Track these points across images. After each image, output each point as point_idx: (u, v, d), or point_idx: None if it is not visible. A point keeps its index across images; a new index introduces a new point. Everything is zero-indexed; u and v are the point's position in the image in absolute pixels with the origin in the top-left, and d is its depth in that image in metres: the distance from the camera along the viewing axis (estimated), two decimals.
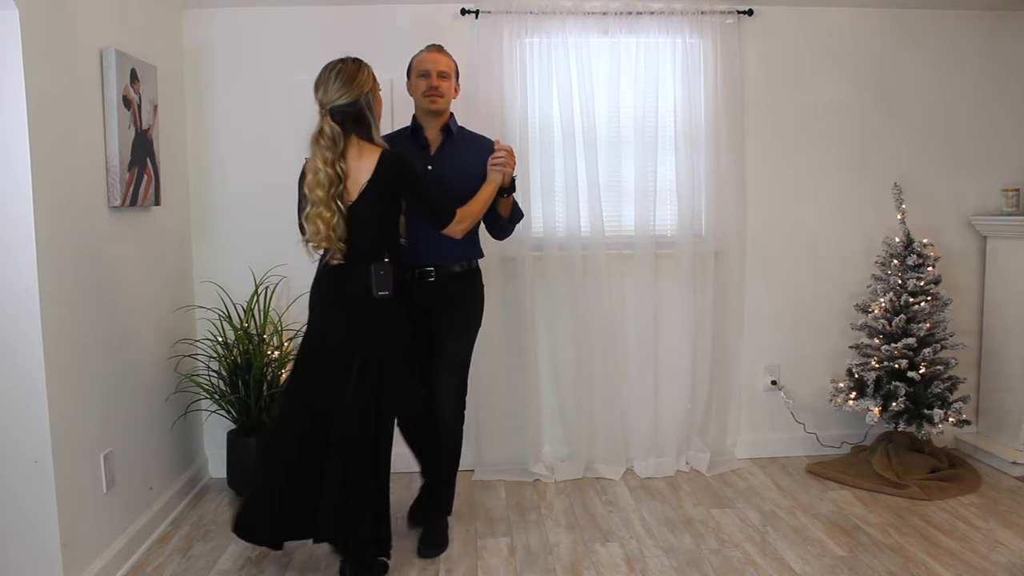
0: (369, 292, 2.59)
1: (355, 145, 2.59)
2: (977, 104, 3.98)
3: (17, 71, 2.30)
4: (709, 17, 3.71)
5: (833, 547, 2.99)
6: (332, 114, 2.58)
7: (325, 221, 2.52)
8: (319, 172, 2.53)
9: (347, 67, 2.61)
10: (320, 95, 2.61)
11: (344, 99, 2.58)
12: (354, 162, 2.58)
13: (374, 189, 2.57)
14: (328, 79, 2.60)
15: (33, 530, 2.43)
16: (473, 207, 2.78)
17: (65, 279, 2.55)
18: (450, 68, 2.95)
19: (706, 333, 3.82)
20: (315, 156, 2.55)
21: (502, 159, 2.83)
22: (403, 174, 2.63)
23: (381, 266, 2.60)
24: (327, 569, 2.87)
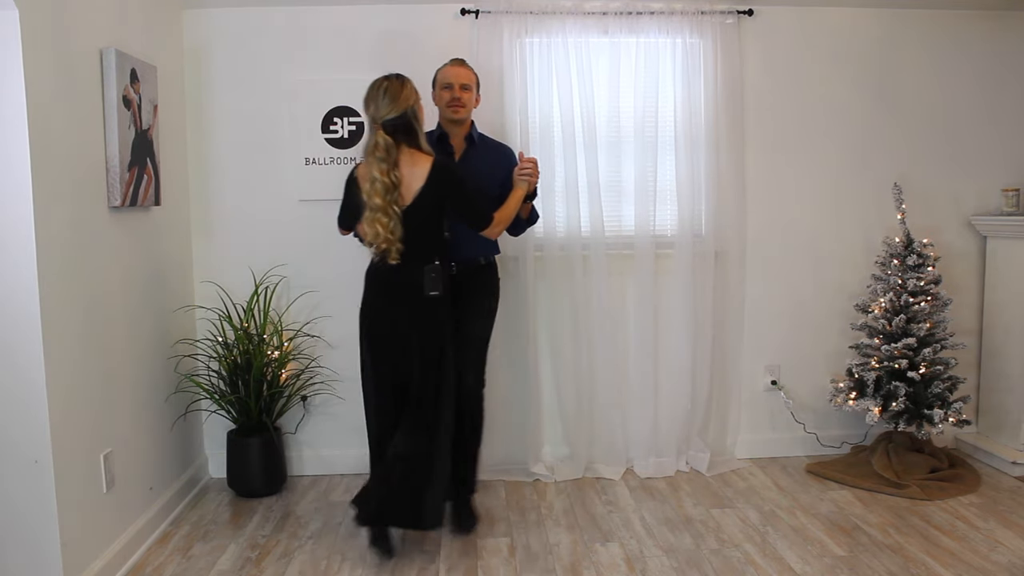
0: (421, 290, 2.85)
1: (407, 153, 2.82)
2: (977, 104, 3.98)
3: (17, 71, 2.31)
4: (709, 17, 3.71)
5: (833, 547, 2.99)
6: (384, 127, 2.79)
7: (383, 226, 2.77)
8: (376, 182, 2.76)
9: (392, 84, 2.85)
10: (372, 111, 2.84)
11: (393, 113, 2.80)
12: (407, 169, 2.81)
13: (427, 194, 2.81)
14: (377, 96, 2.83)
15: (33, 530, 2.43)
16: (506, 211, 3.03)
17: (65, 279, 2.55)
18: (471, 80, 3.19)
19: (706, 333, 3.82)
20: (371, 166, 2.78)
21: (529, 170, 3.06)
22: (453, 181, 2.88)
23: (433, 268, 2.87)
24: (327, 569, 2.87)
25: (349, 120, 3.70)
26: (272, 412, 3.59)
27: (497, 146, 3.32)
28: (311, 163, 3.71)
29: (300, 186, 3.73)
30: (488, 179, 3.13)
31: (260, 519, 3.32)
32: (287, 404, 3.66)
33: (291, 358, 3.66)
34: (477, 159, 3.19)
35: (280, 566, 2.90)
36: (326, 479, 3.78)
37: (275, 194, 3.74)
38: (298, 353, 3.72)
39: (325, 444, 3.83)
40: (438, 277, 2.87)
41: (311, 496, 3.58)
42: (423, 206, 2.82)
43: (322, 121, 3.70)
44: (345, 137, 3.71)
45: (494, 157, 3.23)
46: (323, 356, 3.76)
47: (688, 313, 3.80)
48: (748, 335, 3.94)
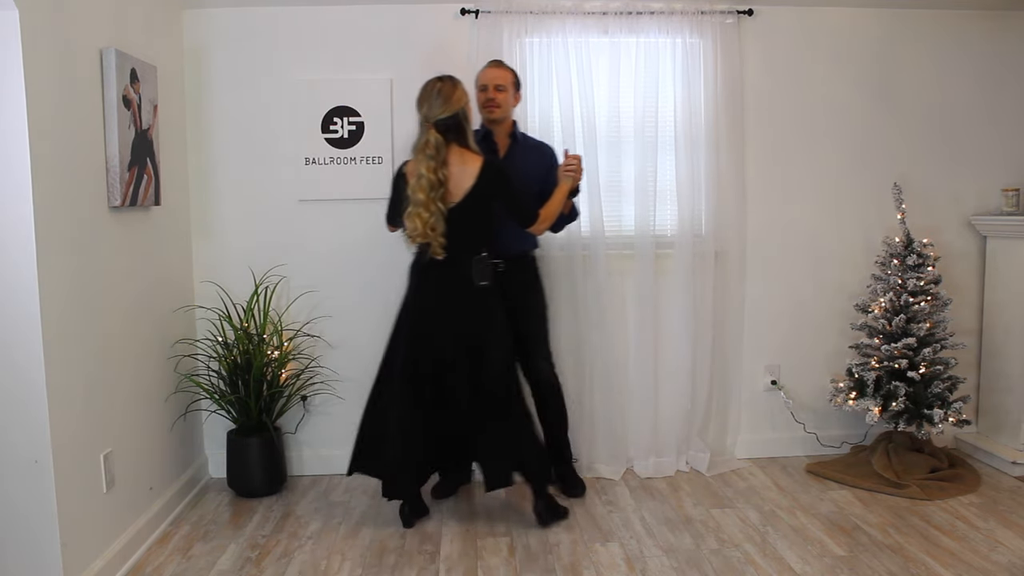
0: (471, 281, 3.01)
1: (456, 153, 2.96)
2: (977, 104, 3.98)
3: (17, 71, 2.30)
4: (709, 17, 3.71)
5: (833, 547, 2.99)
6: (436, 126, 2.93)
7: (423, 220, 2.91)
8: (422, 178, 2.90)
9: (445, 86, 2.98)
10: (425, 111, 2.97)
11: (445, 113, 2.94)
12: (457, 168, 2.95)
13: (477, 192, 2.96)
14: (430, 96, 2.97)
15: (33, 530, 2.43)
16: (551, 208, 3.15)
17: (65, 279, 2.55)
18: (507, 80, 3.30)
19: (706, 333, 3.82)
20: (419, 163, 2.92)
21: (573, 166, 3.20)
22: (502, 180, 3.02)
23: (480, 259, 3.03)
24: (327, 569, 2.87)
25: (349, 120, 3.70)
26: (272, 412, 3.59)
27: (538, 144, 3.45)
28: (311, 163, 3.71)
29: (300, 186, 3.73)
30: (529, 177, 3.25)
31: (260, 519, 3.32)
32: (287, 404, 3.66)
33: (291, 358, 3.66)
34: (519, 157, 3.31)
35: (280, 566, 2.90)
36: (326, 479, 3.78)
37: (275, 194, 3.74)
38: (298, 353, 3.72)
39: (325, 444, 3.83)
40: (486, 267, 3.03)
41: (311, 496, 3.58)
42: (472, 203, 2.96)
43: (322, 121, 3.70)
44: (345, 137, 3.71)
45: (535, 155, 3.36)
46: (323, 356, 3.76)
47: (688, 313, 3.80)
48: (748, 335, 3.94)
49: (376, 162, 3.72)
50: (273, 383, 3.57)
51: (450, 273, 3.01)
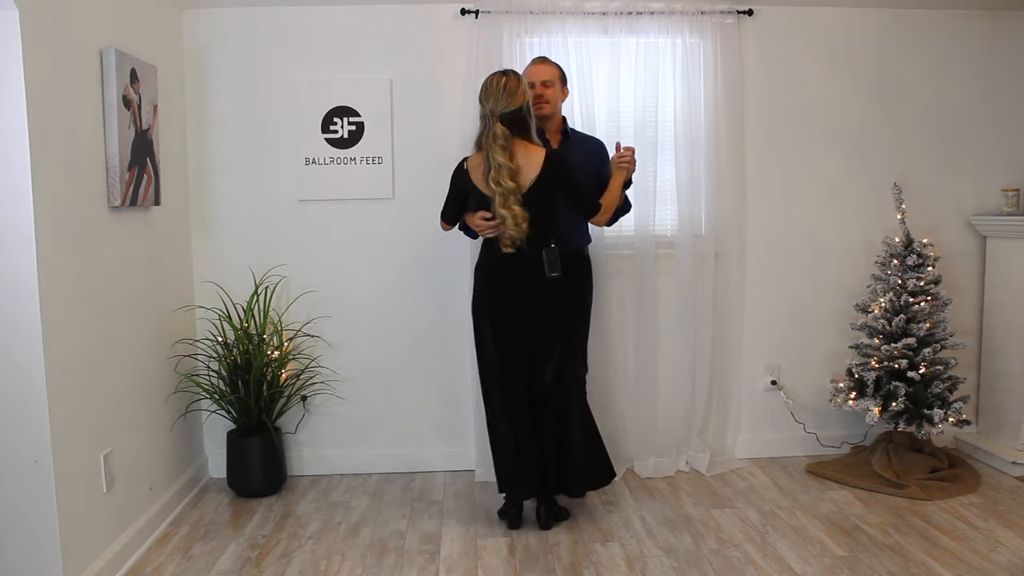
0: (541, 273, 3.03)
1: (520, 145, 2.99)
2: (977, 104, 3.98)
3: (17, 71, 2.30)
4: (709, 17, 3.71)
5: (833, 547, 2.99)
6: (502, 119, 2.95)
7: (516, 214, 2.94)
8: (502, 168, 2.92)
9: (511, 81, 2.99)
10: (491, 104, 2.97)
11: (511, 107, 2.96)
12: (523, 159, 2.97)
13: (542, 184, 2.98)
14: (496, 91, 2.97)
15: (33, 530, 2.43)
16: (611, 198, 3.15)
17: (65, 279, 2.55)
18: (553, 76, 3.29)
19: (706, 333, 3.82)
20: (494, 154, 2.93)
21: (628, 158, 3.18)
22: (567, 171, 3.03)
23: (551, 251, 3.05)
24: (327, 569, 2.87)
25: (349, 120, 3.70)
26: (272, 412, 3.59)
27: (588, 139, 3.43)
28: (311, 163, 3.71)
29: (300, 186, 3.73)
30: (583, 170, 3.21)
31: (260, 519, 3.32)
32: (287, 404, 3.66)
33: (291, 358, 3.66)
34: (572, 152, 3.26)
35: (280, 566, 2.90)
36: (326, 479, 3.78)
37: (275, 194, 3.74)
38: (298, 353, 3.72)
39: (325, 444, 3.83)
40: (556, 259, 3.04)
41: (311, 496, 3.58)
42: (538, 195, 2.98)
43: (322, 121, 3.70)
44: (345, 137, 3.71)
45: (587, 150, 3.34)
46: (323, 356, 3.76)
47: (688, 313, 3.80)
48: (748, 335, 3.94)
49: (376, 162, 3.72)
50: (273, 383, 3.57)
51: (521, 267, 3.04)
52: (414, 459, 3.86)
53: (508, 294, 3.09)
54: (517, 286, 3.07)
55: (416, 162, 3.73)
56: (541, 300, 3.07)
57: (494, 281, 3.12)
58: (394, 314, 3.80)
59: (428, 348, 3.83)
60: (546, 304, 3.08)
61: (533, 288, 3.06)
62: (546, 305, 3.08)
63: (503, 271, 3.08)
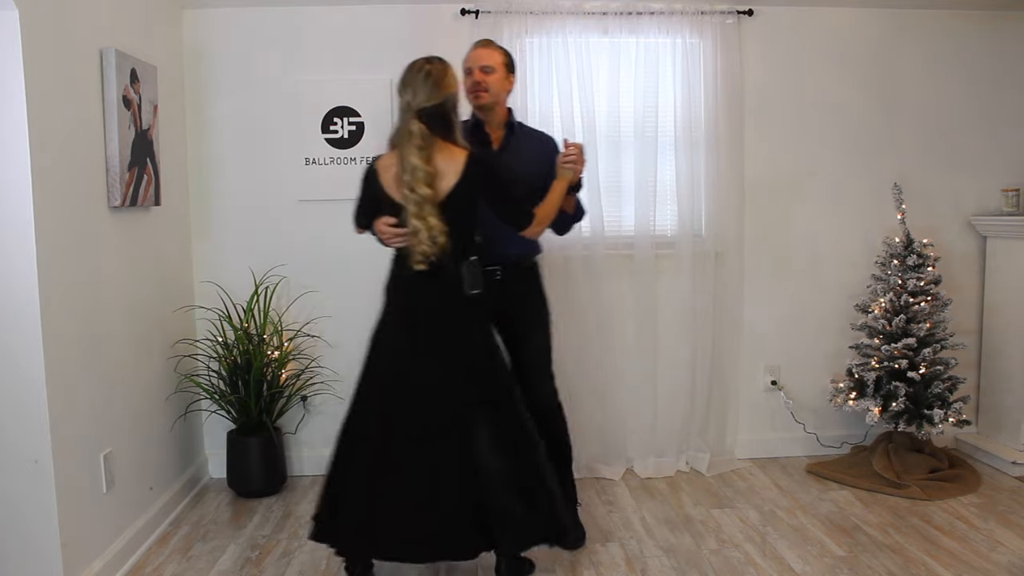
0: (460, 291, 2.59)
1: (441, 146, 2.54)
2: (977, 104, 3.98)
3: (17, 71, 2.30)
4: (709, 17, 3.71)
5: (833, 547, 2.98)
6: (420, 115, 2.52)
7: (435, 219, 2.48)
8: (417, 170, 2.47)
9: (435, 68, 2.56)
10: (408, 96, 2.54)
11: (433, 101, 2.52)
12: (442, 163, 2.52)
13: (461, 191, 2.53)
14: (416, 80, 2.54)
15: (33, 530, 2.43)
16: (548, 207, 2.75)
17: (65, 279, 2.54)
18: (496, 62, 2.89)
19: (706, 333, 3.82)
20: (408, 155, 2.49)
21: (573, 157, 2.78)
22: (491, 176, 2.62)
23: (471, 264, 2.60)
24: (327, 571, 2.87)
25: (349, 120, 3.70)
26: (272, 412, 3.59)
27: (539, 135, 3.08)
28: (311, 163, 3.71)
29: (300, 186, 3.73)
30: (529, 171, 2.85)
31: (260, 519, 3.32)
32: (287, 404, 3.66)
33: (291, 358, 3.66)
34: (517, 149, 2.92)
35: (280, 566, 2.89)
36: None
37: (275, 194, 3.74)
38: (298, 353, 3.72)
39: (325, 444, 3.79)
40: (477, 273, 2.61)
41: (311, 496, 3.57)
42: (456, 204, 2.53)
43: (322, 121, 3.70)
44: (345, 137, 3.71)
45: (535, 147, 2.97)
46: (323, 356, 3.76)
47: (688, 313, 3.80)
48: (748, 335, 3.94)
49: None
50: (273, 383, 3.57)
51: (435, 285, 2.59)
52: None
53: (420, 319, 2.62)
54: (431, 309, 2.61)
55: None
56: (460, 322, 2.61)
57: (403, 304, 2.65)
58: None
59: None
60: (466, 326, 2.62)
61: (450, 312, 2.60)
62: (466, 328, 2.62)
63: (414, 292, 2.62)
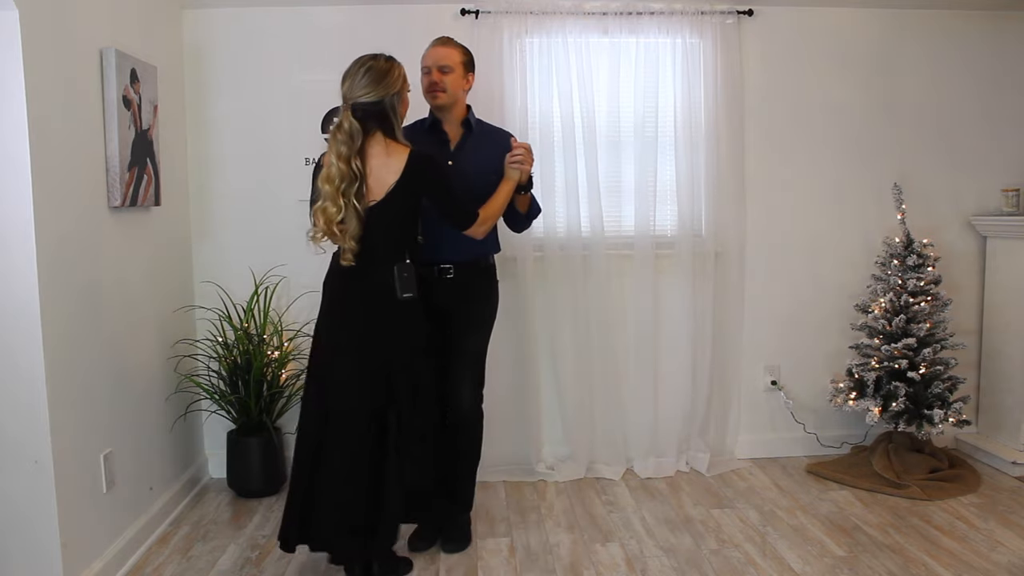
0: (392, 294, 2.56)
1: (380, 143, 2.53)
2: (977, 104, 3.98)
3: (17, 71, 2.30)
4: (709, 17, 3.71)
5: (833, 547, 2.99)
6: (354, 110, 2.50)
7: (329, 216, 2.47)
8: (331, 167, 2.46)
9: (378, 65, 2.54)
10: (345, 89, 2.53)
11: (369, 97, 2.51)
12: (379, 160, 2.51)
13: (402, 190, 2.52)
14: (356, 74, 2.52)
15: (33, 530, 2.43)
16: (493, 207, 2.76)
17: (65, 279, 2.55)
18: (453, 60, 2.89)
19: (706, 333, 3.82)
20: (330, 151, 2.49)
21: (520, 157, 2.80)
22: (433, 175, 2.59)
23: (404, 267, 2.57)
24: (327, 571, 2.87)
25: None
26: (272, 412, 3.59)
27: (495, 132, 3.07)
28: (311, 163, 3.71)
29: (300, 186, 3.71)
30: (487, 169, 2.85)
31: (260, 519, 3.32)
32: (287, 404, 3.66)
33: (291, 358, 3.66)
34: (475, 147, 2.93)
35: (280, 566, 2.89)
36: None
37: (275, 194, 3.74)
38: (298, 353, 3.71)
39: None
40: (411, 277, 2.57)
41: None
42: (396, 202, 2.52)
43: (322, 121, 3.69)
44: None
45: (493, 144, 2.94)
46: None
47: (688, 313, 3.80)
48: (748, 335, 3.94)
49: None
50: (273, 383, 3.57)
51: (367, 286, 2.57)
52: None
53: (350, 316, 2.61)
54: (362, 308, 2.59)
55: None
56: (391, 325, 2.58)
57: (335, 298, 2.65)
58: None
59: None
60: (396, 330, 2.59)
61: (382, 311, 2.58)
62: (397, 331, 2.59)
63: (346, 288, 2.61)
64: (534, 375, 3.77)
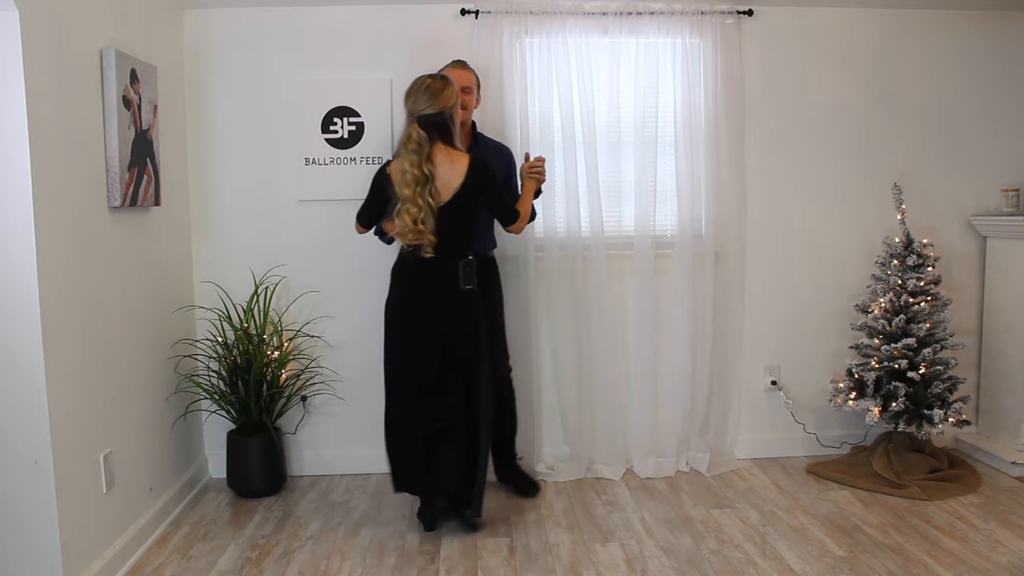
0: (457, 286, 2.98)
1: (443, 151, 2.92)
2: (977, 104, 3.98)
3: (17, 71, 2.30)
4: (709, 17, 3.71)
5: (833, 547, 2.99)
6: (420, 122, 2.89)
7: (412, 216, 2.86)
8: (406, 173, 2.86)
9: (435, 83, 2.94)
10: (410, 104, 2.93)
11: (431, 109, 2.90)
12: (445, 166, 2.91)
13: (466, 191, 2.92)
14: (419, 91, 2.93)
15: (33, 530, 2.43)
16: (525, 207, 3.16)
17: (65, 279, 2.55)
18: (471, 82, 3.31)
19: (706, 333, 3.82)
20: (403, 158, 2.88)
21: (540, 168, 3.21)
22: (490, 178, 3.00)
23: (468, 263, 3.01)
24: (327, 570, 2.87)
25: (349, 120, 3.70)
26: (272, 412, 3.59)
27: (496, 146, 3.44)
28: (311, 163, 3.71)
29: (300, 186, 3.73)
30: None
31: (260, 519, 3.32)
32: (287, 404, 3.66)
33: (291, 358, 3.66)
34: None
35: (280, 566, 2.90)
36: (326, 479, 3.78)
37: (275, 194, 3.74)
38: (298, 353, 3.72)
39: (325, 444, 3.83)
40: (472, 272, 3.01)
41: (311, 496, 3.58)
42: (461, 202, 2.93)
43: (322, 121, 3.70)
44: (345, 137, 3.71)
45: (495, 157, 3.32)
46: (323, 356, 3.76)
47: (688, 313, 3.80)
48: (748, 335, 3.94)
49: (376, 162, 3.72)
50: (273, 383, 3.57)
51: (437, 276, 2.98)
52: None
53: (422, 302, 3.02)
54: (432, 295, 3.00)
55: None
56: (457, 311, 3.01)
57: (408, 286, 3.04)
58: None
59: None
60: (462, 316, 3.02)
61: (448, 299, 3.00)
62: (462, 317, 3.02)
63: (419, 277, 3.00)
64: (534, 375, 3.77)
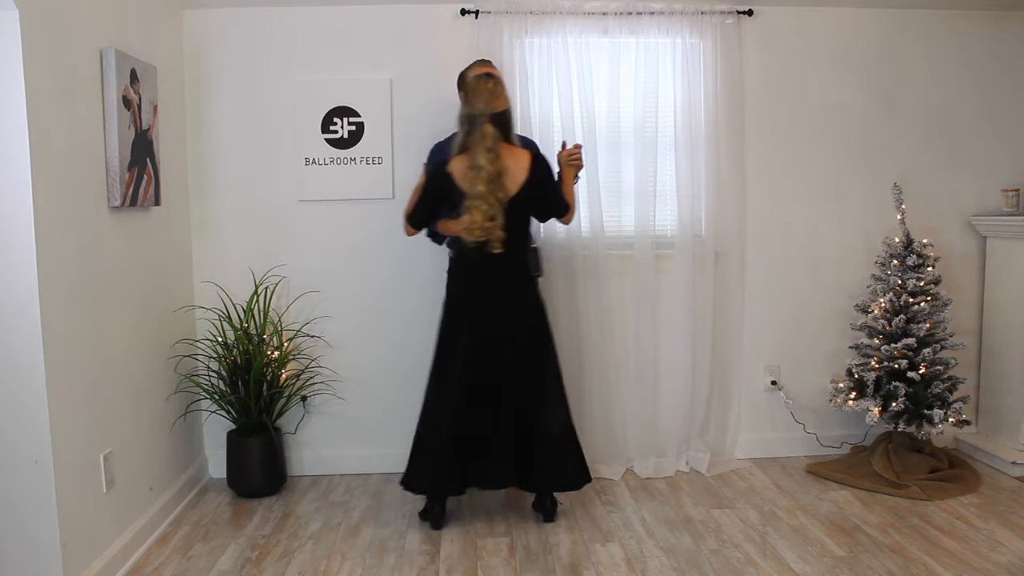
0: (527, 273, 3.14)
1: (505, 147, 3.01)
2: (977, 104, 3.98)
3: (17, 71, 2.30)
4: (709, 17, 3.71)
5: (833, 547, 2.99)
6: (492, 120, 2.95)
7: (483, 213, 2.92)
8: (481, 170, 2.92)
9: (498, 84, 3.04)
10: (481, 105, 2.97)
11: (500, 108, 2.99)
12: (510, 161, 3.00)
13: (530, 185, 3.03)
14: (484, 91, 2.99)
15: (33, 530, 2.43)
16: (570, 197, 3.23)
17: (65, 279, 2.55)
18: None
19: (706, 333, 3.82)
20: (477, 156, 2.93)
21: (578, 156, 3.22)
22: (549, 173, 3.12)
23: (535, 250, 3.19)
24: (327, 570, 2.87)
25: (349, 120, 3.70)
26: (272, 412, 3.59)
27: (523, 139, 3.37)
28: (311, 163, 3.71)
29: (300, 186, 3.73)
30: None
31: (260, 519, 3.32)
32: (287, 404, 3.66)
33: (291, 358, 3.66)
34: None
35: (280, 566, 2.90)
36: (326, 479, 3.78)
37: (275, 194, 3.74)
38: (298, 353, 3.72)
39: (325, 444, 3.83)
40: (539, 259, 3.18)
41: (311, 496, 3.58)
42: (526, 196, 3.03)
43: (322, 121, 3.70)
44: (345, 137, 3.71)
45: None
46: (323, 356, 3.76)
47: (688, 313, 3.80)
48: (748, 335, 3.94)
49: (376, 162, 3.72)
50: (273, 383, 3.57)
51: (505, 267, 3.06)
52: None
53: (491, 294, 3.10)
54: (502, 286, 3.10)
55: (416, 162, 3.71)
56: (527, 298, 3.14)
57: (474, 281, 3.12)
58: (395, 314, 3.80)
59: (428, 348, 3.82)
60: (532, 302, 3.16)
61: (512, 289, 3.11)
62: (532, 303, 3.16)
63: (485, 270, 3.08)
64: None
